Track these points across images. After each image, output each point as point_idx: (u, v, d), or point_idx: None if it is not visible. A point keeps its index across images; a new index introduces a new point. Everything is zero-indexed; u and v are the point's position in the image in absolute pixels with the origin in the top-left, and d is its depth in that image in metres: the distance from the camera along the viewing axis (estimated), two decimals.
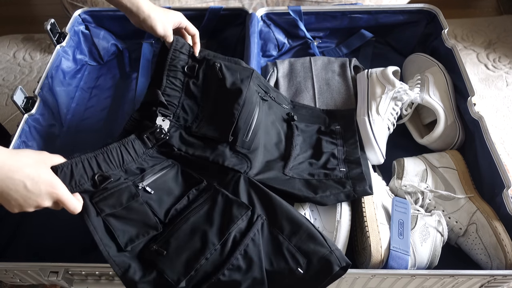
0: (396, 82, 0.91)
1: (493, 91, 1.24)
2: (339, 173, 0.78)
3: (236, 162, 0.74)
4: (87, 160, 0.64)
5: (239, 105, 0.76)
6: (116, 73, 1.13)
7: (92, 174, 0.64)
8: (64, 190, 0.59)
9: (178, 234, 0.65)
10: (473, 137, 0.86)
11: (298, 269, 0.63)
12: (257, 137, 0.77)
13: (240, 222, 0.66)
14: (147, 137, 0.72)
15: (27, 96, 0.89)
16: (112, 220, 0.64)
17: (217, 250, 0.63)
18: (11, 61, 1.38)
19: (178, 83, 0.80)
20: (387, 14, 1.09)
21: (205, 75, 0.81)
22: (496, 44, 1.37)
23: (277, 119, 0.85)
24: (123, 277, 0.61)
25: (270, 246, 0.65)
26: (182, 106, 0.79)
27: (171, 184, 0.71)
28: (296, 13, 1.08)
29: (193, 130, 0.77)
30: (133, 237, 0.64)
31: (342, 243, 0.72)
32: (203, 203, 0.69)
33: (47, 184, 0.56)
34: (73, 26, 1.07)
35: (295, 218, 0.67)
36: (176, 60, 0.80)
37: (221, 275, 0.62)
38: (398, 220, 0.73)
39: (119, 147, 0.69)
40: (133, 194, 0.65)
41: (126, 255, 0.63)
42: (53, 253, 0.81)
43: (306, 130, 0.87)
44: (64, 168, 0.61)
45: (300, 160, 0.80)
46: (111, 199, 0.64)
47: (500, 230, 0.73)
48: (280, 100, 0.90)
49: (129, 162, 0.69)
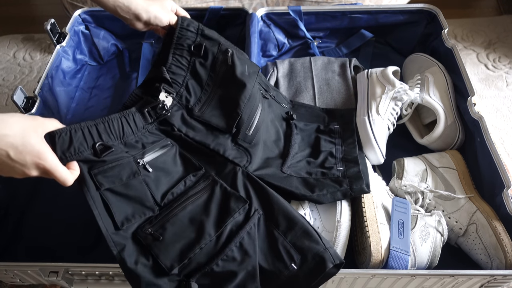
0: (396, 82, 0.91)
1: (493, 91, 1.24)
2: (337, 171, 0.78)
3: (236, 154, 0.74)
4: (87, 127, 0.62)
5: (245, 97, 0.76)
6: (116, 73, 1.13)
7: (93, 143, 0.62)
8: (52, 160, 0.56)
9: (175, 221, 0.64)
10: (473, 137, 0.86)
11: (292, 264, 0.63)
12: (259, 133, 0.77)
13: (237, 216, 0.66)
14: (148, 111, 0.70)
15: (27, 96, 0.89)
16: (110, 195, 0.62)
17: (212, 241, 0.63)
18: (11, 61, 1.38)
19: (184, 61, 0.78)
20: (387, 14, 1.09)
21: (215, 58, 0.80)
22: (496, 44, 1.37)
23: (276, 118, 0.86)
24: (118, 255, 0.60)
25: (265, 241, 0.65)
26: (186, 85, 0.77)
27: (170, 165, 0.70)
28: (296, 13, 1.08)
29: (195, 113, 0.76)
30: (129, 216, 0.63)
31: (342, 243, 0.72)
32: (201, 192, 0.68)
33: (33, 155, 0.54)
34: (73, 26, 1.07)
35: (291, 215, 0.67)
36: (183, 38, 0.79)
37: (215, 265, 0.62)
38: (398, 220, 0.73)
39: (120, 118, 0.67)
40: (134, 171, 0.64)
41: (121, 234, 0.62)
42: (53, 253, 0.81)
43: (305, 129, 0.87)
44: (63, 134, 0.59)
45: (298, 159, 0.80)
46: (111, 173, 0.62)
47: (500, 230, 0.73)
48: (279, 99, 0.91)
49: (129, 135, 0.68)
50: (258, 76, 0.81)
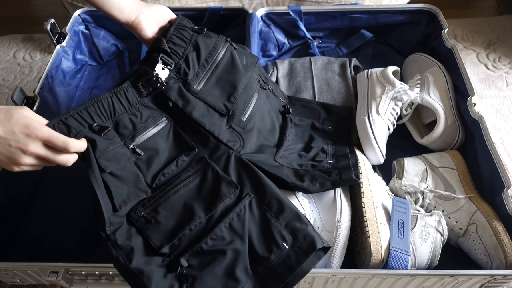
0: (396, 82, 0.91)
1: (493, 91, 1.24)
2: (327, 164, 0.79)
3: (230, 138, 0.74)
4: (77, 113, 0.62)
5: (243, 84, 0.77)
6: (116, 73, 1.13)
7: (88, 125, 0.63)
8: (43, 128, 0.56)
9: (167, 204, 0.66)
10: (473, 137, 0.86)
11: (283, 244, 0.64)
12: (252, 120, 0.78)
13: (228, 201, 0.67)
14: (142, 84, 0.68)
15: (27, 96, 0.89)
16: (110, 178, 0.63)
17: (202, 223, 0.65)
18: (11, 61, 1.38)
19: (186, 34, 0.76)
20: (387, 14, 1.09)
21: (218, 41, 0.79)
22: (496, 44, 1.37)
23: (273, 109, 0.87)
24: (111, 235, 0.61)
25: (258, 222, 0.67)
26: (185, 58, 0.74)
27: (161, 145, 0.70)
28: (296, 13, 1.08)
29: (192, 88, 0.73)
30: (125, 198, 0.65)
31: (342, 243, 0.72)
32: (193, 175, 0.70)
33: (20, 126, 0.54)
34: (73, 26, 1.07)
35: (282, 198, 0.68)
36: (185, 21, 0.78)
37: (204, 243, 0.63)
38: (398, 220, 0.73)
39: (110, 96, 0.66)
40: (129, 155, 0.66)
41: (118, 216, 0.63)
42: (53, 253, 0.81)
43: (300, 124, 0.89)
44: (56, 124, 0.60)
45: (291, 151, 0.82)
46: (111, 156, 0.63)
47: (500, 230, 0.73)
48: (277, 93, 0.92)
49: (121, 113, 0.67)
50: (257, 67, 0.81)
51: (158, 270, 0.61)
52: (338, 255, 0.72)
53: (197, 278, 0.61)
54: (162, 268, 0.61)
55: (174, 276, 0.61)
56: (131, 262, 0.60)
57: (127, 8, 0.76)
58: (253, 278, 0.62)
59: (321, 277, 0.69)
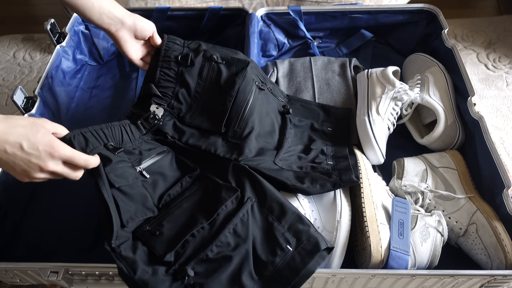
0: (396, 82, 0.91)
1: (493, 91, 1.24)
2: (326, 165, 0.80)
3: (227, 151, 0.77)
4: (94, 131, 0.66)
5: (231, 96, 0.78)
6: (116, 73, 1.13)
7: (104, 143, 0.67)
8: (65, 148, 0.57)
9: (171, 218, 0.67)
10: (473, 137, 0.86)
11: (287, 246, 0.64)
12: (249, 125, 0.78)
13: (230, 204, 0.68)
14: (141, 123, 0.76)
15: (27, 96, 0.89)
16: (118, 194, 0.65)
17: (205, 229, 0.65)
18: (11, 61, 1.38)
19: (172, 73, 0.81)
20: (387, 14, 1.09)
21: (202, 66, 0.82)
22: (496, 44, 1.37)
23: (272, 110, 0.87)
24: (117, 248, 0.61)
25: (261, 226, 0.67)
26: (176, 96, 0.81)
27: (166, 169, 0.74)
28: (296, 13, 1.08)
29: (186, 120, 0.80)
30: (132, 215, 0.66)
31: (342, 243, 0.72)
32: (196, 191, 0.71)
33: (45, 144, 0.55)
34: (73, 26, 1.07)
35: (283, 201, 0.69)
36: (170, 51, 0.81)
37: (209, 251, 0.63)
38: (398, 220, 0.73)
39: (120, 126, 0.71)
40: (137, 175, 0.69)
41: (125, 231, 0.65)
42: (53, 253, 0.81)
43: (299, 125, 0.89)
44: (76, 135, 0.63)
45: (290, 153, 0.82)
46: (120, 173, 0.66)
47: (500, 230, 0.73)
48: (276, 92, 0.91)
49: (127, 143, 0.72)
50: (251, 69, 0.82)
51: (163, 280, 0.61)
52: (338, 255, 0.72)
53: (203, 286, 0.61)
54: (168, 277, 0.61)
55: (180, 285, 0.61)
56: (135, 273, 0.60)
57: (106, 19, 0.76)
58: (259, 282, 0.62)
59: (321, 277, 0.69)
